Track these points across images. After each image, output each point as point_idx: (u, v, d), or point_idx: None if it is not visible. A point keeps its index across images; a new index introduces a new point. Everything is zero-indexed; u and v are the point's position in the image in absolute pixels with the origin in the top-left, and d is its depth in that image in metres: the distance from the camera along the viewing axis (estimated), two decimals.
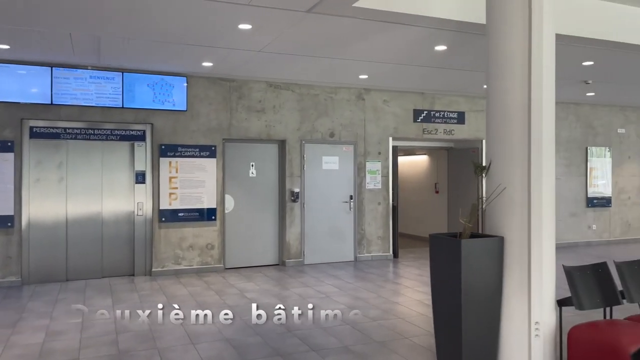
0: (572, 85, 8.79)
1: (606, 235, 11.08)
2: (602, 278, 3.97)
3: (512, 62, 3.87)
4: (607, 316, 4.11)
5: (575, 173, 10.78)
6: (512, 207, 3.86)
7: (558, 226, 10.49)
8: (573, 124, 10.77)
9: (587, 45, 6.01)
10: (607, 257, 9.28)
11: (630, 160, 11.36)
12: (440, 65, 7.26)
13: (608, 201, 11.08)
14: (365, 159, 9.01)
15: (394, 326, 5.13)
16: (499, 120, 3.97)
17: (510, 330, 3.82)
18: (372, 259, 8.99)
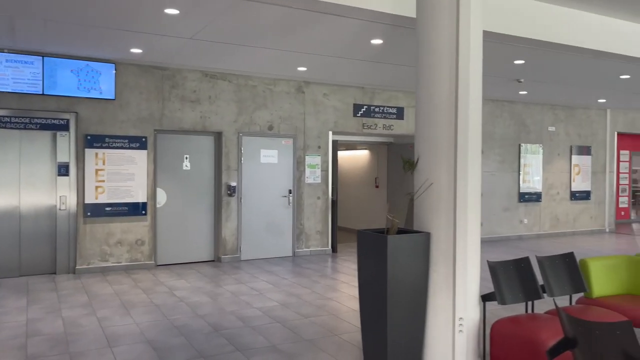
0: (505, 83, 9.03)
1: (536, 229, 11.53)
2: (524, 273, 4.04)
3: (440, 57, 3.84)
4: (528, 310, 4.20)
5: (509, 169, 11.14)
6: (438, 203, 3.84)
7: (491, 220, 10.91)
8: (507, 122, 11.11)
9: (518, 44, 6.13)
10: (537, 250, 9.70)
11: (559, 157, 11.86)
12: (378, 59, 7.23)
13: (539, 196, 11.53)
14: (304, 152, 8.89)
15: (325, 323, 5.05)
16: (426, 115, 3.94)
17: (435, 325, 3.82)
18: (310, 253, 8.91)
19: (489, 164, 10.86)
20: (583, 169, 12.20)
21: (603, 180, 12.57)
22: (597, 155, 12.44)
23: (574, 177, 12.06)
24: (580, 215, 12.19)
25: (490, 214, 10.86)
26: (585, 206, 12.26)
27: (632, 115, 13.00)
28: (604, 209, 12.59)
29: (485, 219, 10.79)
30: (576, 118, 12.08)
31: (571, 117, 12.00)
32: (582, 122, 12.18)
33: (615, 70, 7.91)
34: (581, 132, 12.18)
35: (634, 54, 6.54)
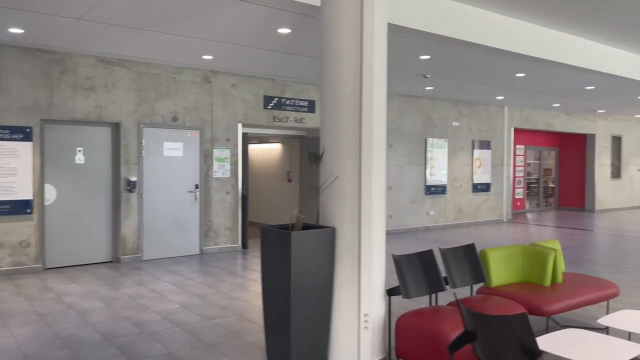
0: (412, 78, 9.23)
1: (442, 220, 12.00)
2: (428, 265, 4.05)
3: (344, 49, 3.72)
4: (433, 303, 4.23)
5: (416, 162, 11.46)
6: (343, 197, 3.73)
7: (400, 212, 11.16)
8: (414, 116, 11.41)
9: (423, 38, 6.22)
10: (442, 240, 10.07)
11: (462, 151, 12.41)
12: (287, 50, 7.04)
13: (444, 189, 11.99)
14: (212, 145, 8.51)
15: (230, 325, 4.80)
16: (331, 108, 3.80)
17: (340, 322, 3.71)
18: (219, 251, 8.56)
19: (398, 157, 11.10)
20: (484, 163, 12.87)
21: (501, 173, 13.35)
22: (496, 149, 13.18)
23: (476, 170, 12.69)
24: (482, 206, 12.86)
25: (399, 206, 11.12)
26: (485, 198, 12.96)
27: (526, 112, 13.92)
28: (502, 200, 13.39)
29: (394, 212, 11.03)
30: (478, 114, 12.70)
31: (473, 113, 12.60)
32: (483, 118, 12.83)
33: (512, 69, 8.33)
34: (482, 127, 12.83)
35: (529, 53, 6.90)
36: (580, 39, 7.56)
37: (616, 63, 8.24)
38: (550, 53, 7.17)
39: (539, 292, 4.29)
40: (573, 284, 4.59)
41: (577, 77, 9.00)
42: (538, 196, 16.81)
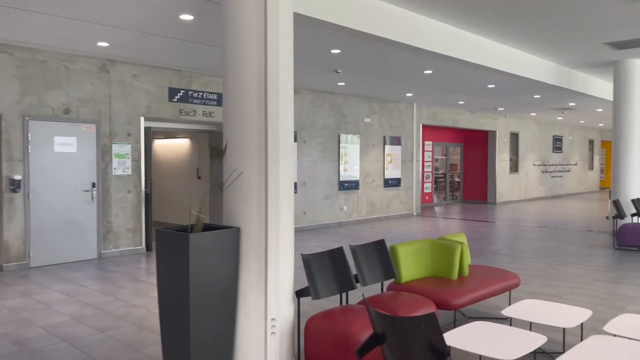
0: (325, 73, 9.14)
1: (355, 216, 12.09)
2: (338, 263, 3.92)
3: (247, 38, 3.46)
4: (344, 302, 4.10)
5: (330, 158, 11.43)
6: (249, 194, 3.48)
7: (314, 209, 11.07)
8: (327, 112, 11.37)
9: (334, 31, 6.10)
10: (355, 236, 10.12)
11: (374, 147, 12.58)
12: (192, 38, 6.63)
13: (357, 184, 12.09)
14: (111, 140, 7.85)
15: (125, 336, 4.37)
16: (234, 100, 3.53)
17: (246, 329, 3.46)
18: (120, 254, 7.94)
19: (311, 153, 11.00)
20: (394, 158, 13.15)
21: (411, 169, 13.73)
22: (406, 145, 13.52)
23: (387, 165, 12.93)
24: (392, 201, 13.14)
25: (313, 202, 11.03)
26: (396, 192, 13.25)
27: (434, 109, 14.42)
28: (411, 194, 13.78)
29: (308, 208, 10.92)
30: (388, 110, 12.94)
31: (384, 110, 12.81)
32: (394, 115, 13.10)
33: (421, 65, 8.50)
34: (392, 123, 13.09)
35: (436, 50, 7.02)
36: (484, 39, 7.86)
37: (515, 63, 8.69)
38: (456, 51, 7.37)
39: (447, 286, 4.31)
40: (478, 276, 4.68)
41: (480, 75, 9.39)
42: (445, 190, 17.56)
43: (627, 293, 5.69)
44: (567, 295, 5.62)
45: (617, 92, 9.65)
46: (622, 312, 4.95)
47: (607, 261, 7.49)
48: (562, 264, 7.31)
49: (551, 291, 5.79)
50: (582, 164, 22.88)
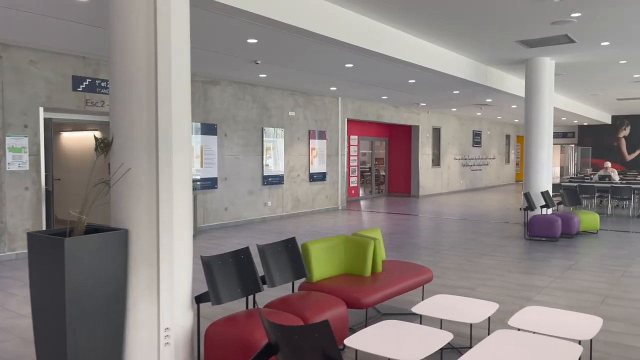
0: (245, 64, 8.81)
1: (280, 211, 11.87)
2: (243, 265, 3.67)
3: (134, 19, 3.12)
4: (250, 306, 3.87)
5: (253, 152, 11.12)
6: (138, 193, 3.15)
7: (237, 204, 10.73)
8: (250, 105, 11.04)
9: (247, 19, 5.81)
10: (280, 231, 9.90)
11: (299, 141, 12.41)
12: (91, 22, 6.08)
13: (281, 179, 11.86)
14: (4, 133, 7.11)
15: (7, 351, 3.89)
16: (121, 88, 3.19)
17: (136, 342, 3.15)
18: (16, 257, 7.23)
19: (233, 147, 10.64)
20: (320, 152, 13.05)
21: (336, 163, 13.70)
22: (331, 139, 13.46)
23: (312, 160, 12.81)
24: (318, 195, 13.04)
25: (235, 198, 10.68)
26: (321, 187, 13.17)
27: (359, 104, 14.46)
28: (337, 188, 13.76)
29: (230, 203, 10.57)
30: (313, 104, 12.80)
31: (309, 103, 12.66)
32: (318, 108, 12.98)
33: (341, 59, 8.39)
34: (317, 117, 12.97)
35: (356, 43, 6.92)
36: (404, 33, 7.86)
37: (434, 59, 8.80)
38: (375, 45, 7.31)
39: (359, 284, 4.19)
40: (392, 272, 4.61)
41: (400, 70, 9.44)
42: (371, 184, 17.75)
43: (534, 283, 5.88)
44: (480, 287, 5.71)
45: (528, 89, 10.07)
46: (529, 303, 5.08)
47: (518, 252, 7.77)
48: (477, 255, 7.49)
49: (465, 283, 5.87)
50: (499, 158, 24.01)
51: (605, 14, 6.73)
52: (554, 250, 7.89)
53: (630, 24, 7.29)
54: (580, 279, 6.05)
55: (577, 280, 5.99)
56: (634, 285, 5.77)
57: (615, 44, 8.53)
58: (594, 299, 5.22)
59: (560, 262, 6.98)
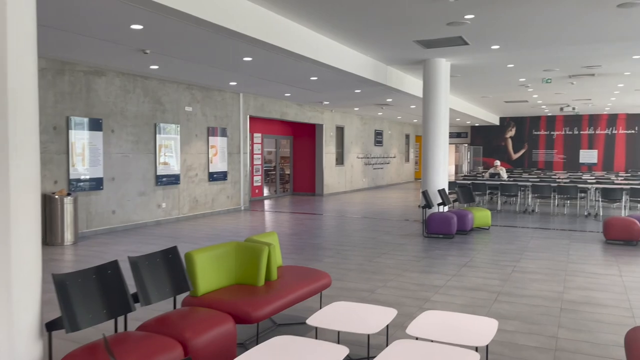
0: (132, 54, 8.04)
1: (175, 213, 11.13)
2: (110, 282, 3.14)
3: None
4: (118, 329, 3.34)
5: (144, 150, 10.29)
6: None
7: (126, 207, 9.82)
8: (141, 99, 10.20)
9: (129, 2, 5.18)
10: (174, 235, 9.22)
11: (197, 138, 11.73)
12: None
13: (177, 178, 11.12)
14: None
15: None
16: None
17: None
18: None
19: (122, 144, 9.75)
20: (220, 150, 12.46)
21: (238, 161, 13.18)
22: (232, 137, 12.91)
23: (212, 158, 12.19)
24: (218, 195, 12.45)
25: (124, 199, 9.81)
26: (222, 186, 12.59)
27: (261, 100, 14.04)
28: (239, 188, 13.24)
29: (118, 206, 9.68)
30: (212, 100, 12.18)
31: (208, 99, 12.02)
32: (218, 104, 12.38)
33: (239, 51, 7.93)
34: (217, 113, 12.37)
35: (253, 35, 6.51)
36: (305, 29, 7.58)
37: (336, 56, 8.63)
38: (276, 39, 6.95)
39: (251, 295, 3.81)
40: (287, 280, 4.29)
41: (302, 67, 9.18)
42: (275, 183, 17.41)
43: (432, 282, 5.87)
44: (380, 289, 5.58)
45: (426, 90, 10.28)
46: (427, 304, 5.02)
47: (417, 250, 7.83)
48: (378, 255, 7.42)
49: (365, 286, 5.71)
50: (399, 156, 24.80)
51: (496, 17, 6.94)
52: (450, 247, 8.06)
53: (518, 29, 7.61)
54: (475, 276, 6.15)
55: (472, 278, 6.07)
56: (523, 280, 5.96)
57: (505, 48, 8.92)
58: (487, 296, 5.28)
59: (456, 260, 7.11)
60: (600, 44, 8.67)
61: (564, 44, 8.63)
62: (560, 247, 8.03)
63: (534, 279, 5.99)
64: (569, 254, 7.49)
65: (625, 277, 6.11)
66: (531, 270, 6.46)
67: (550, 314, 4.68)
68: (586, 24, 7.32)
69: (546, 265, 6.70)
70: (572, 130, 24.30)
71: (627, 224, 8.19)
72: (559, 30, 7.73)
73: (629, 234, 8.16)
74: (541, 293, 5.40)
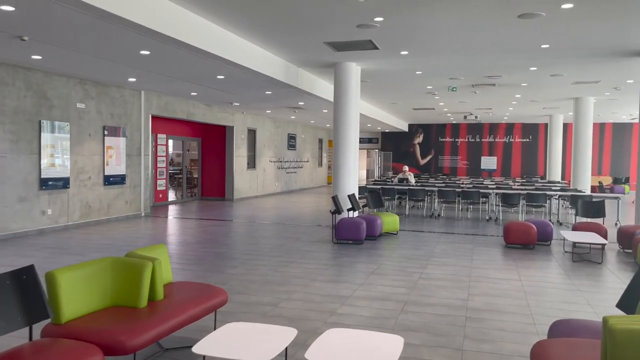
0: (8, 41, 7.05)
1: (64, 220, 10.04)
2: None
3: None
4: None
5: (26, 150, 9.15)
6: None
7: (4, 214, 8.59)
8: (22, 92, 9.06)
9: None
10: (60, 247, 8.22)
11: (91, 138, 10.70)
12: None
13: (66, 182, 10.04)
14: None
15: None
16: None
17: None
18: None
19: None
20: (118, 152, 11.48)
21: (139, 164, 12.24)
22: (132, 137, 11.97)
23: (108, 160, 11.18)
24: (115, 200, 11.46)
25: (1, 206, 8.63)
26: (120, 191, 11.61)
27: (165, 99, 13.19)
28: (139, 193, 12.30)
29: None
30: (109, 96, 11.19)
31: (104, 95, 11.02)
32: (116, 102, 11.41)
33: (135, 43, 7.23)
34: (115, 112, 11.39)
35: (148, 25, 5.89)
36: (209, 22, 7.05)
37: (245, 55, 8.18)
38: (175, 31, 6.37)
39: (128, 320, 3.27)
40: (175, 299, 3.78)
41: (207, 64, 8.62)
42: (182, 187, 16.51)
43: (339, 292, 5.60)
44: (284, 302, 5.21)
45: (336, 94, 10.11)
46: (332, 317, 4.72)
47: (326, 257, 7.57)
48: (284, 264, 7.06)
49: (268, 299, 5.32)
50: (313, 161, 24.73)
51: (404, 22, 6.87)
52: (359, 254, 7.89)
53: (425, 36, 7.62)
54: (383, 285, 5.97)
55: (379, 287, 5.89)
56: (429, 288, 5.87)
57: (413, 54, 8.96)
58: (394, 307, 5.10)
59: (365, 267, 6.93)
60: (501, 54, 8.98)
61: (469, 52, 8.84)
62: (464, 251, 8.16)
63: (440, 286, 5.93)
64: (473, 258, 7.60)
65: (525, 281, 6.25)
66: (437, 276, 6.42)
67: (456, 324, 4.58)
68: (489, 33, 7.49)
69: (451, 272, 6.71)
70: (475, 138, 25.61)
71: (525, 228, 8.51)
72: (464, 39, 7.86)
73: (527, 239, 8.48)
74: (447, 301, 5.32)
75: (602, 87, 12.87)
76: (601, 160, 23.81)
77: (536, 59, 9.32)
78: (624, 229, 8.37)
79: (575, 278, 6.45)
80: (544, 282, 6.23)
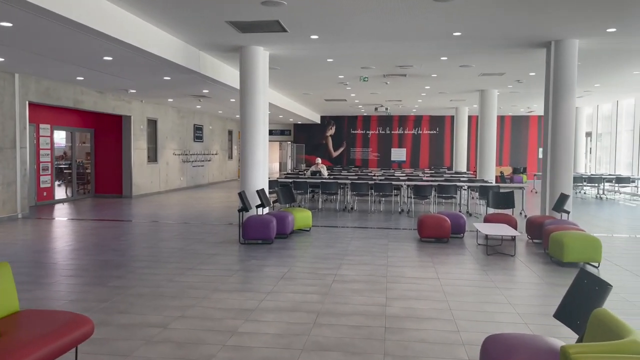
0: None
1: None
2: None
3: None
4: None
5: None
6: None
7: None
8: None
9: None
10: None
11: None
12: None
13: None
14: None
15: None
16: None
17: None
18: None
19: None
20: None
21: (13, 158, 10.60)
22: (3, 127, 10.31)
23: None
24: None
25: None
26: None
27: (46, 84, 11.57)
28: (15, 191, 10.67)
29: None
30: None
31: None
32: None
33: None
34: None
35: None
36: None
37: (133, 32, 7.10)
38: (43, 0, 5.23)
39: None
40: (18, 336, 2.85)
41: (89, 42, 7.42)
42: (72, 184, 14.79)
43: (243, 305, 4.87)
44: (175, 322, 4.38)
45: (243, 80, 9.29)
46: (231, 340, 3.98)
47: (230, 261, 6.78)
48: (182, 271, 6.18)
49: (157, 318, 4.46)
50: (222, 153, 23.58)
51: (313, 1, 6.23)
52: (268, 255, 7.19)
53: (336, 18, 7.04)
54: (293, 292, 5.33)
55: (289, 294, 5.23)
56: (344, 292, 5.32)
57: (324, 38, 8.37)
58: (306, 319, 4.47)
59: (274, 271, 6.24)
60: (414, 42, 8.66)
61: (381, 39, 8.41)
62: (379, 247, 7.75)
63: (355, 290, 5.40)
64: (388, 255, 7.19)
65: (443, 279, 5.90)
66: (352, 278, 5.90)
67: (375, 337, 4.03)
68: (404, 17, 7.07)
69: (367, 272, 6.22)
70: (385, 130, 25.84)
71: (439, 222, 8.28)
72: (378, 24, 7.39)
73: (441, 232, 8.26)
74: (363, 308, 4.78)
75: (506, 79, 13.17)
76: (501, 151, 25.00)
77: (447, 47, 9.13)
78: (533, 219, 8.42)
79: (492, 273, 6.23)
80: (462, 279, 5.93)
